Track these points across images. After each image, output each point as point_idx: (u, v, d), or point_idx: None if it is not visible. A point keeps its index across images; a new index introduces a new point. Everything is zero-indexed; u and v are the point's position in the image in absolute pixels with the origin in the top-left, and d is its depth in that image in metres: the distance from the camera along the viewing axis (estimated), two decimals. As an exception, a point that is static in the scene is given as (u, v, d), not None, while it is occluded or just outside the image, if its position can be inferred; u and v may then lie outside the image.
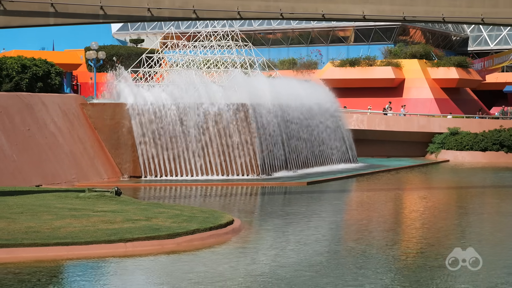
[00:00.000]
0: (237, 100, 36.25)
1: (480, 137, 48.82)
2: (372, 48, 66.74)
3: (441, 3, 29.04)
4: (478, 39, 79.91)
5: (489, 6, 28.77)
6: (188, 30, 55.01)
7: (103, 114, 35.12)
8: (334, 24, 68.52)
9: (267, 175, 36.02)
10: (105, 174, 33.84)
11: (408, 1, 29.16)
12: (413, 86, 58.33)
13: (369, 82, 58.08)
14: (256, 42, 69.09)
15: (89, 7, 25.53)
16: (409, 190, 34.75)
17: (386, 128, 51.21)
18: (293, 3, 28.39)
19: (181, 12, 27.04)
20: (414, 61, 59.36)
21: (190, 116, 35.54)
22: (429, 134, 51.04)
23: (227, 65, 45.44)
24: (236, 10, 27.58)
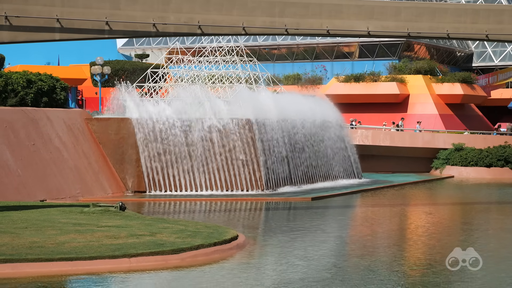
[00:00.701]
0: (241, 116, 36.28)
1: (485, 153, 48.74)
2: (377, 64, 66.83)
3: (445, 19, 29.10)
4: (482, 55, 79.96)
5: (493, 22, 28.81)
6: (193, 45, 55.20)
7: (108, 129, 35.17)
8: (339, 40, 68.66)
9: (272, 190, 35.99)
10: (109, 189, 33.84)
11: (413, 17, 29.23)
12: (418, 101, 58.34)
13: (374, 97, 58.10)
14: (261, 57, 69.26)
15: (94, 22, 25.63)
16: (414, 206, 34.67)
17: (390, 144, 51.18)
18: (298, 19, 28.48)
19: (186, 27, 27.13)
20: (418, 76, 59.40)
21: (195, 131, 35.57)
22: (433, 149, 50.98)
23: (232, 81, 45.53)
24: (241, 26, 27.67)
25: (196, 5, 27.43)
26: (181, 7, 27.04)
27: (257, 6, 28.36)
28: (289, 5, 28.96)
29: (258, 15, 28.15)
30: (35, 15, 24.96)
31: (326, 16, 28.78)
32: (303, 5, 29.20)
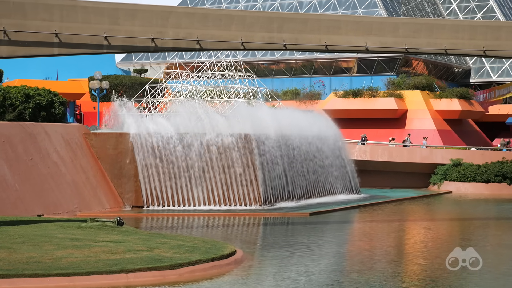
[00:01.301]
0: (240, 130, 36.29)
1: (483, 169, 48.75)
2: (375, 79, 66.97)
3: (443, 35, 29.20)
4: (480, 71, 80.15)
5: (491, 38, 28.91)
6: (191, 60, 55.31)
7: (106, 144, 35.15)
8: (337, 55, 68.84)
9: (270, 205, 35.94)
10: (107, 203, 33.78)
11: (411, 33, 29.34)
12: (416, 117, 58.41)
13: (372, 113, 58.17)
14: (259, 72, 69.40)
15: (93, 37, 25.68)
16: (412, 221, 34.62)
17: (388, 159, 51.17)
18: (297, 34, 28.57)
19: (184, 42, 27.20)
20: (416, 92, 59.49)
21: (193, 146, 35.55)
22: (431, 165, 50.99)
23: (230, 95, 45.58)
24: (239, 41, 27.74)
25: (194, 20, 27.52)
26: (179, 23, 27.13)
27: (255, 21, 28.45)
28: (288, 20, 29.07)
29: (256, 31, 28.25)
30: (34, 30, 25.02)
31: (325, 31, 28.88)
32: (302, 21, 29.32)
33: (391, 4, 74.08)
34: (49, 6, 25.44)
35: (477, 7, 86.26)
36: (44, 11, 25.23)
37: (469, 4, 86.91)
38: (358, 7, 72.02)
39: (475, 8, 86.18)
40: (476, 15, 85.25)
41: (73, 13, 25.50)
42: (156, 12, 27.03)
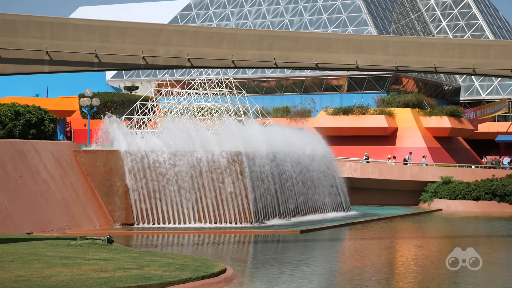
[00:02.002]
0: (230, 148, 36.28)
1: (473, 186, 48.85)
2: (365, 97, 67.18)
3: (433, 53, 29.35)
4: (470, 88, 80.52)
5: (480, 57, 29.07)
6: (182, 78, 55.39)
7: (96, 161, 35.07)
8: (328, 73, 69.04)
9: (260, 223, 35.88)
10: (97, 221, 33.65)
11: (401, 51, 29.47)
12: (406, 134, 58.55)
13: (362, 130, 58.29)
14: (250, 90, 69.51)
15: (83, 55, 25.68)
16: (402, 239, 34.61)
17: (379, 177, 51.23)
18: (287, 52, 28.65)
19: (175, 60, 27.23)
20: (406, 110, 59.69)
21: (184, 164, 35.51)
22: (422, 182, 51.06)
23: (221, 113, 45.61)
24: (230, 58, 27.80)
25: (185, 38, 27.57)
26: (170, 40, 27.17)
27: (246, 39, 28.53)
28: (278, 38, 29.16)
29: (247, 48, 28.32)
30: (24, 47, 25.00)
31: (315, 49, 28.98)
32: (292, 39, 29.41)
33: (381, 23, 74.45)
34: (40, 24, 25.44)
35: (466, 25, 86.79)
36: (35, 28, 25.22)
37: (459, 23, 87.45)
38: (348, 25, 72.33)
39: (464, 27, 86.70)
40: (466, 33, 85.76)
41: (63, 31, 25.51)
42: (147, 29, 27.08)
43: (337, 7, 73.97)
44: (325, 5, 74.72)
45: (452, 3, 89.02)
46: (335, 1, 74.45)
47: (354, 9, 73.20)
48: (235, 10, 78.76)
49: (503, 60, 29.22)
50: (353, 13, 73.02)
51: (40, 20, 25.78)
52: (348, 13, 73.17)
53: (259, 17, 77.02)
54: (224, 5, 79.59)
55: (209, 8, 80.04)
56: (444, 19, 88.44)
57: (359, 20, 72.31)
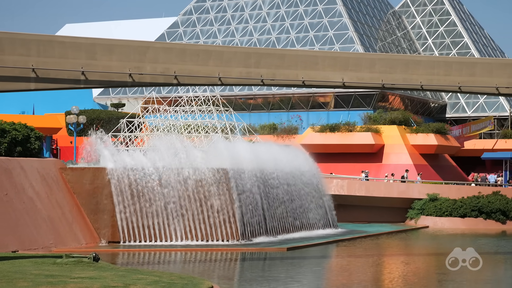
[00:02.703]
0: (217, 165, 36.25)
1: (459, 204, 48.96)
2: (352, 114, 67.39)
3: (419, 71, 29.52)
4: (456, 106, 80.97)
5: (466, 75, 29.26)
6: (169, 95, 55.40)
7: (82, 179, 34.92)
8: (315, 90, 69.27)
9: (247, 240, 35.80)
10: (83, 239, 33.47)
11: (387, 68, 29.62)
12: (392, 152, 58.70)
13: (349, 147, 58.40)
14: (237, 107, 69.60)
15: (70, 72, 25.66)
16: (389, 256, 34.62)
17: (366, 194, 51.29)
18: (274, 69, 28.75)
19: (162, 77, 27.26)
20: (393, 127, 59.89)
21: (170, 181, 35.43)
22: (408, 200, 51.15)
23: (208, 130, 45.58)
24: (217, 76, 27.85)
25: (172, 55, 27.63)
26: (157, 58, 27.21)
27: (233, 57, 28.62)
28: (265, 56, 29.26)
29: (234, 66, 28.40)
30: (10, 65, 24.95)
31: (302, 67, 29.09)
32: (279, 56, 29.53)
33: (367, 40, 74.85)
34: (26, 41, 25.42)
35: (452, 43, 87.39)
36: (21, 46, 25.19)
37: (444, 41, 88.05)
38: (335, 42, 72.68)
39: (450, 45, 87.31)
40: (451, 51, 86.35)
41: (50, 48, 25.49)
42: (134, 47, 27.11)
43: (323, 25, 74.34)
44: (311, 23, 75.08)
45: (438, 21, 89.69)
46: (321, 19, 74.83)
47: (340, 26, 73.59)
48: (222, 27, 79.00)
49: (488, 78, 29.42)
50: (339, 31, 73.40)
51: (27, 37, 25.76)
52: (335, 30, 73.54)
53: (246, 34, 77.28)
54: (211, 22, 79.84)
55: (196, 26, 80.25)
56: (430, 36, 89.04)
57: (346, 37, 72.68)
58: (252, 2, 79.18)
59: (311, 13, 75.61)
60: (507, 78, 29.32)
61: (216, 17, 79.87)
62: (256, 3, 78.88)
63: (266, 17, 77.53)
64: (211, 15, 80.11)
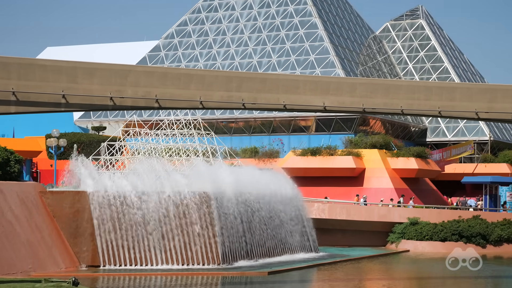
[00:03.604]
0: (198, 189, 36.15)
1: (440, 227, 49.09)
2: (333, 138, 67.58)
3: (399, 95, 29.71)
4: (436, 130, 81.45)
5: (446, 99, 29.48)
6: (150, 118, 55.28)
7: (62, 202, 34.68)
8: (296, 114, 69.44)
9: (228, 264, 35.66)
10: (62, 263, 33.18)
11: (368, 93, 29.79)
12: (373, 175, 58.86)
13: (330, 171, 58.48)
14: (218, 130, 69.61)
15: (51, 95, 25.57)
16: (370, 280, 34.59)
17: (347, 218, 51.30)
18: (255, 93, 28.82)
19: (143, 101, 27.24)
20: (374, 151, 60.09)
21: (151, 205, 35.26)
22: (389, 223, 51.22)
23: (189, 154, 45.52)
24: (198, 100, 27.88)
25: (153, 79, 27.64)
26: (138, 81, 27.21)
27: (214, 80, 28.68)
28: (246, 80, 29.35)
29: (215, 90, 28.45)
30: (-10, 88, 24.83)
31: (283, 91, 29.19)
32: (260, 80, 29.62)
33: (348, 64, 75.29)
34: (7, 64, 25.34)
35: (432, 68, 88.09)
36: (1, 69, 25.11)
37: (425, 65, 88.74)
38: (316, 66, 73.03)
39: (430, 69, 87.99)
40: (432, 75, 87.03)
41: (30, 72, 25.42)
42: (115, 70, 27.10)
43: (305, 49, 74.72)
44: (293, 47, 75.44)
45: (418, 46, 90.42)
46: (303, 43, 75.22)
47: (322, 51, 74.00)
48: (203, 51, 79.19)
49: (468, 102, 29.65)
50: (321, 55, 73.79)
51: (7, 60, 25.68)
52: (316, 55, 73.93)
53: (228, 58, 77.50)
54: (193, 46, 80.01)
55: (178, 49, 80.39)
56: (411, 61, 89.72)
57: (327, 62, 73.06)
58: (233, 26, 79.50)
59: (292, 37, 76.01)
60: (486, 103, 29.57)
61: (198, 41, 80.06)
62: (237, 27, 79.21)
63: (247, 41, 77.84)
64: (193, 38, 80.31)
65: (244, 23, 79.07)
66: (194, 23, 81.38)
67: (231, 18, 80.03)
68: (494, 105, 29.51)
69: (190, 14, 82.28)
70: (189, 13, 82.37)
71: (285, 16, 77.62)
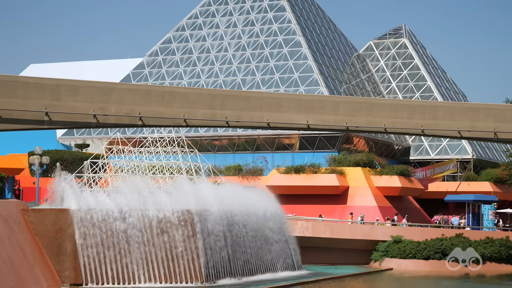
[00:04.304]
0: (182, 206, 36.05)
1: (423, 246, 49.16)
2: (317, 156, 67.65)
3: (382, 114, 29.85)
4: (419, 148, 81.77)
5: (429, 118, 29.65)
6: (134, 136, 55.19)
7: (44, 220, 34.45)
8: (280, 132, 69.50)
9: (211, 282, 35.52)
10: (44, 282, 32.92)
11: (351, 111, 29.93)
12: (357, 193, 58.94)
13: (314, 189, 58.52)
14: (202, 148, 69.51)
15: (34, 113, 25.51)
16: (353, 298, 34.55)
17: (330, 236, 51.29)
18: (239, 111, 28.89)
19: (127, 119, 27.22)
20: (357, 169, 60.21)
21: (134, 222, 35.12)
22: (373, 241, 51.24)
23: (172, 171, 45.43)
24: (182, 117, 27.90)
25: (137, 96, 27.64)
26: (122, 99, 27.20)
27: (198, 98, 28.72)
28: (230, 98, 29.42)
29: (199, 107, 28.49)
30: (-27, 105, 24.73)
31: (267, 109, 29.29)
32: (244, 98, 29.71)
33: (332, 83, 75.58)
34: (-10, 81, 25.26)
35: (415, 86, 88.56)
36: (-16, 86, 25.02)
37: (408, 84, 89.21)
38: (300, 84, 73.23)
39: (413, 88, 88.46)
40: (415, 94, 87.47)
41: (13, 89, 25.36)
42: (99, 88, 27.09)
43: (289, 67, 74.95)
44: (277, 65, 75.66)
45: (401, 65, 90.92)
46: (287, 61, 75.47)
47: (305, 69, 74.25)
48: (187, 69, 79.26)
49: (451, 121, 29.84)
50: (304, 73, 74.04)
51: (-10, 77, 25.59)
52: (300, 73, 74.18)
53: (212, 76, 77.59)
54: (177, 63, 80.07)
55: (162, 67, 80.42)
56: (394, 80, 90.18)
57: (311, 80, 73.30)
58: (218, 44, 79.67)
59: (276, 55, 76.24)
60: (469, 121, 29.77)
61: (182, 59, 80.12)
62: (222, 45, 79.38)
63: (232, 59, 78.00)
64: (177, 56, 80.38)
65: (228, 41, 79.27)
66: (178, 41, 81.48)
67: (215, 36, 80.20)
68: (477, 123, 29.71)
69: (175, 32, 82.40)
70: (173, 31, 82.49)
71: (269, 34, 77.87)
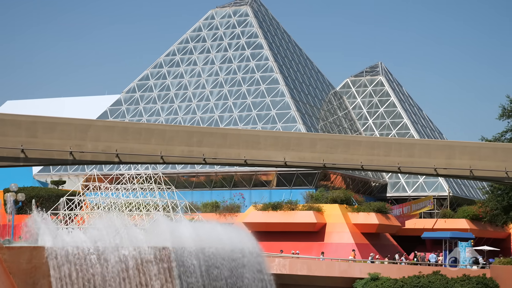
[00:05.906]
0: (158, 244, 35.81)
1: (400, 283, 49.08)
2: (294, 193, 67.70)
3: (359, 151, 30.01)
4: (396, 185, 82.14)
5: (405, 155, 29.84)
6: (111, 172, 54.96)
7: (19, 258, 34.00)
8: (257, 169, 69.55)
9: (188, 321, 35.21)
10: (18, 320, 32.44)
11: (328, 148, 30.05)
12: (334, 230, 58.91)
13: (291, 226, 58.45)
14: (179, 184, 69.32)
15: (9, 150, 25.36)
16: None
17: (308, 273, 51.11)
18: (216, 148, 28.91)
19: (104, 156, 27.14)
20: (335, 206, 60.27)
21: (110, 260, 34.79)
22: (350, 279, 51.10)
23: (149, 208, 45.21)
24: (159, 154, 27.85)
25: (114, 133, 27.59)
26: (99, 136, 27.13)
27: (175, 135, 28.72)
28: (207, 135, 29.44)
29: (176, 144, 28.48)
30: None
31: (244, 146, 29.33)
32: (221, 135, 29.75)
33: (309, 119, 75.96)
34: (-35, 118, 25.13)
35: (392, 123, 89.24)
36: (-40, 123, 24.88)
37: (384, 121, 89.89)
38: (277, 121, 73.52)
39: (390, 125, 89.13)
40: (391, 131, 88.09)
41: (-11, 126, 25.23)
42: (75, 125, 27.02)
43: (266, 104, 75.29)
44: (254, 102, 75.98)
45: (378, 102, 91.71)
46: (264, 98, 75.82)
47: (283, 106, 74.61)
48: (165, 105, 79.35)
49: (427, 158, 30.04)
50: (282, 110, 74.38)
51: (-34, 114, 25.46)
52: (277, 110, 74.51)
53: (189, 112, 77.70)
54: (154, 100, 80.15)
55: (139, 103, 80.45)
56: (371, 117, 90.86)
57: (288, 117, 73.63)
58: (195, 81, 79.93)
59: (253, 92, 76.60)
60: (444, 159, 29.99)
61: (160, 95, 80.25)
62: (199, 82, 79.65)
63: (209, 95, 78.24)
64: (155, 93, 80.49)
65: (206, 78, 79.58)
66: (155, 78, 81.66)
67: (192, 72, 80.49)
68: (453, 161, 29.93)
69: (152, 68, 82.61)
70: (151, 68, 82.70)
71: (246, 71, 78.32)
